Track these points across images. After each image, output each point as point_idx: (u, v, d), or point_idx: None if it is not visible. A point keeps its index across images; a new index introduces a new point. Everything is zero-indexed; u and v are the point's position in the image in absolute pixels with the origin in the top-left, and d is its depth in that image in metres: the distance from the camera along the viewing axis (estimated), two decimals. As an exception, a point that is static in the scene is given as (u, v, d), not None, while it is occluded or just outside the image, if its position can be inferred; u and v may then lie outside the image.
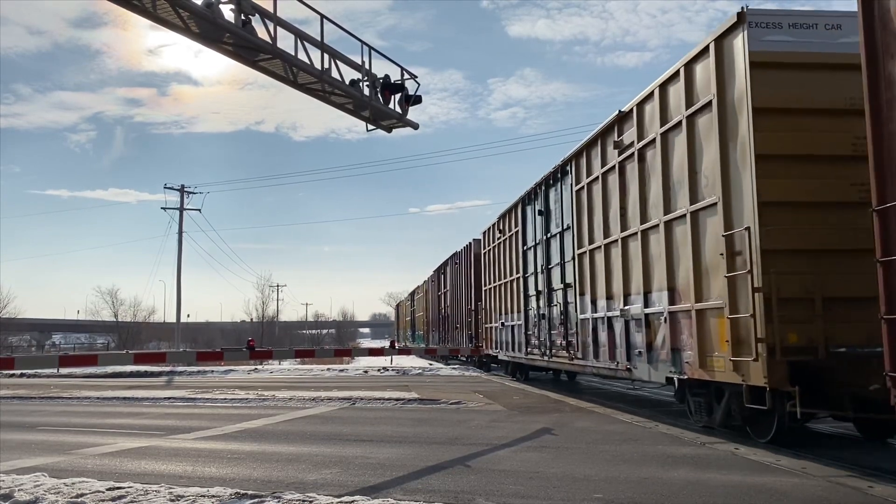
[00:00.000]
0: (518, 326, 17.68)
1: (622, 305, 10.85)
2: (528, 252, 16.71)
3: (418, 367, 26.88)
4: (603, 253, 11.74)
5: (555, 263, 14.57)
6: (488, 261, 21.58)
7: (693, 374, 8.77)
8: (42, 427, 11.46)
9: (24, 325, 78.51)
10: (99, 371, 28.30)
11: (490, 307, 21.44)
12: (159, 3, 8.47)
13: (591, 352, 12.32)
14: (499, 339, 20.18)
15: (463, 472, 6.86)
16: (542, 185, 15.42)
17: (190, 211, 43.29)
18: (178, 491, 5.90)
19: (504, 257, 19.16)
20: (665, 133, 9.50)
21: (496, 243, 20.21)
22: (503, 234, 19.18)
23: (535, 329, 16.13)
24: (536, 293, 15.96)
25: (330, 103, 11.41)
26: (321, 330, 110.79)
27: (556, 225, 14.44)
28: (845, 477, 6.20)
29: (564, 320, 13.84)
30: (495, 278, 20.43)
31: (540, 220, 15.55)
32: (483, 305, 22.59)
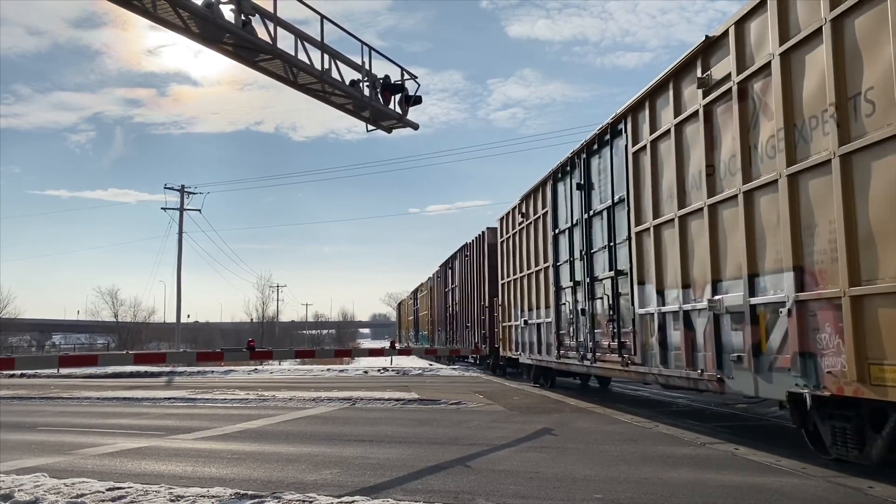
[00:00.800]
0: (546, 325, 15.19)
1: (710, 295, 8.24)
2: (561, 236, 14.14)
3: (418, 368, 26.88)
4: (676, 228, 9.09)
5: (599, 247, 12.09)
6: (507, 250, 18.84)
7: (842, 390, 6.20)
8: (42, 427, 11.46)
9: (24, 325, 78.55)
10: (99, 371, 28.31)
11: (509, 303, 18.73)
12: (159, 3, 8.48)
13: (657, 356, 9.71)
14: (520, 339, 17.52)
15: (463, 472, 6.86)
16: (583, 153, 12.78)
17: (190, 211, 43.46)
18: (178, 491, 5.90)
19: (527, 245, 16.62)
20: (789, 51, 6.98)
21: (517, 230, 17.55)
22: (526, 217, 16.62)
23: (569, 327, 13.55)
24: (573, 284, 13.26)
25: (330, 104, 11.41)
26: (321, 330, 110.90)
27: (602, 200, 11.91)
28: (845, 477, 6.20)
29: (615, 316, 11.30)
30: (515, 270, 17.79)
31: (578, 196, 12.98)
32: (500, 302, 19.77)
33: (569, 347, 13.67)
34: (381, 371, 26.13)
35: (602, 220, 11.96)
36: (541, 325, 15.65)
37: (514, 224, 17.99)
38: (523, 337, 17.27)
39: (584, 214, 12.69)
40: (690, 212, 8.86)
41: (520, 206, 17.34)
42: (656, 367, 9.78)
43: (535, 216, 15.97)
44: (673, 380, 9.53)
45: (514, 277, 17.97)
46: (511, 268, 18.33)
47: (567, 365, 14.03)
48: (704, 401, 13.05)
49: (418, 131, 13.04)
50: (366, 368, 27.70)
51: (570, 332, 13.56)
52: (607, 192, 11.66)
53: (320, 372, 27.53)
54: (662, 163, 9.67)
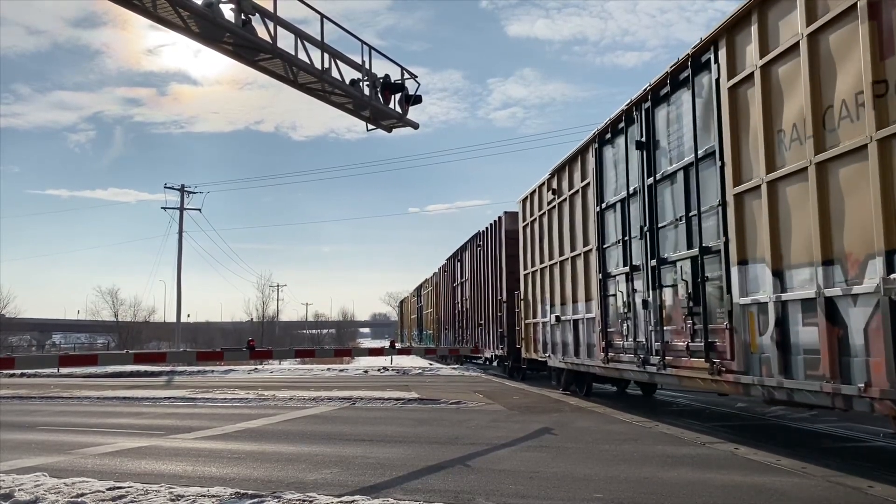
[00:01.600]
0: (586, 322, 12.70)
1: (883, 273, 5.74)
2: (609, 212, 11.61)
3: (418, 367, 26.88)
4: (812, 180, 6.55)
5: (669, 221, 9.56)
6: (531, 236, 16.39)
7: None
8: (42, 427, 11.46)
9: (24, 325, 78.54)
10: (99, 371, 28.31)
11: (533, 297, 16.29)
12: (159, 2, 8.48)
13: (773, 361, 7.17)
14: (549, 339, 15.01)
15: (463, 471, 6.86)
16: (645, 102, 10.19)
17: (190, 211, 43.46)
18: (179, 491, 5.90)
19: (560, 227, 14.12)
20: None
21: (544, 210, 15.13)
22: (558, 194, 14.17)
23: (622, 324, 11.01)
24: (628, 271, 10.76)
25: (330, 103, 11.41)
26: (321, 330, 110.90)
27: (674, 159, 9.40)
28: (845, 477, 6.19)
29: (697, 309, 8.72)
30: (543, 258, 15.35)
31: (637, 158, 10.40)
32: (521, 295, 17.32)
33: (621, 349, 11.04)
34: (381, 370, 26.13)
35: (674, 185, 9.42)
36: (578, 322, 13.11)
37: (541, 204, 15.47)
38: (553, 336, 14.74)
39: (647, 181, 10.09)
40: (840, 154, 6.27)
41: (549, 182, 14.77)
42: (771, 376, 7.19)
43: (570, 191, 13.45)
44: (803, 395, 6.90)
45: (540, 267, 15.56)
46: (537, 255, 15.86)
47: (619, 371, 11.38)
48: (705, 400, 13.05)
49: (418, 131, 13.04)
50: (366, 368, 27.70)
51: (622, 331, 11.01)
52: (683, 147, 9.10)
53: (320, 371, 27.53)
54: (781, 93, 7.13)
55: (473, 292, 24.82)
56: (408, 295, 57.08)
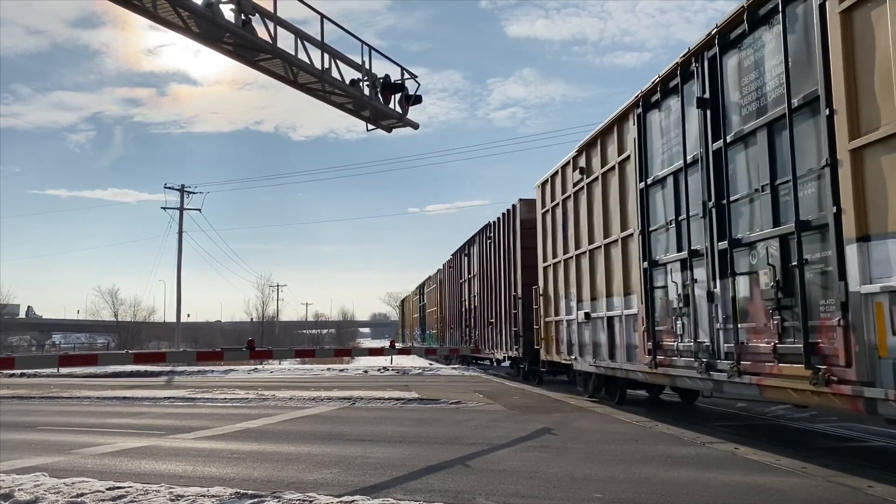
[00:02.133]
0: (624, 319, 11.00)
1: None
2: (656, 189, 9.91)
3: (418, 367, 26.88)
4: None
5: (745, 194, 7.78)
6: (551, 224, 14.82)
7: None
8: (42, 427, 11.46)
9: (25, 325, 78.56)
10: (99, 371, 28.31)
11: (555, 292, 14.65)
12: (159, 2, 8.47)
13: None
14: (575, 339, 13.30)
15: (463, 471, 6.86)
16: (708, 50, 8.47)
17: (190, 211, 43.43)
18: (178, 490, 5.90)
19: (589, 211, 12.42)
20: None
21: (568, 193, 13.47)
22: (587, 173, 12.49)
23: (676, 321, 9.29)
24: (685, 256, 8.96)
25: (330, 103, 11.41)
26: (321, 330, 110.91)
27: (750, 115, 7.65)
28: (845, 476, 6.19)
29: (793, 300, 6.93)
30: (568, 247, 13.67)
31: (697, 119, 8.64)
32: (540, 291, 15.71)
33: (674, 351, 9.41)
34: (381, 370, 26.13)
35: (752, 147, 7.68)
36: (614, 320, 11.44)
37: (564, 187, 13.81)
38: (580, 335, 13.02)
39: (712, 146, 8.33)
40: None
41: (575, 161, 13.10)
42: None
43: (603, 168, 11.74)
44: None
45: (564, 258, 13.89)
46: (559, 245, 14.22)
47: (670, 377, 9.62)
48: (705, 400, 13.03)
49: (418, 131, 13.02)
50: (366, 368, 27.71)
51: (675, 329, 9.33)
52: (766, 99, 7.43)
53: (320, 371, 27.53)
54: None
55: (483, 288, 23.14)
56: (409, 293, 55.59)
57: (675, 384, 9.93)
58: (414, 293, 49.60)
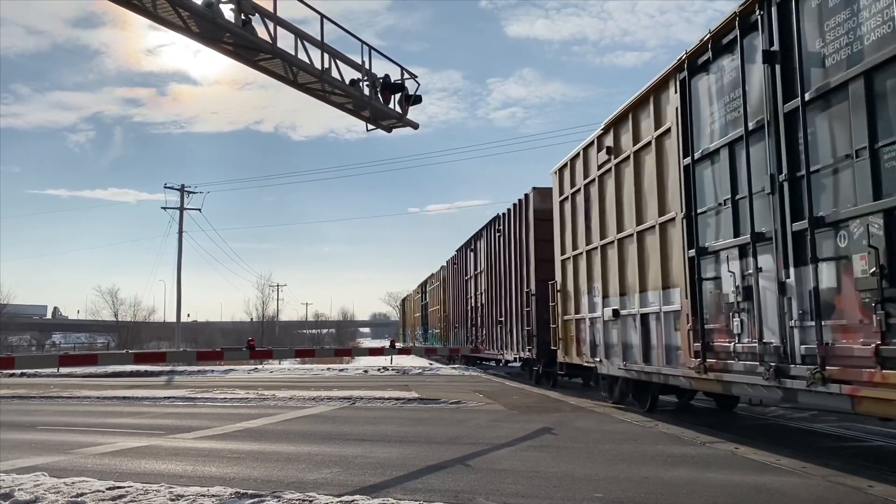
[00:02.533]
0: (664, 316, 9.68)
1: None
2: (704, 165, 8.58)
3: (418, 367, 26.89)
4: None
5: (830, 163, 6.55)
6: (570, 213, 13.42)
7: None
8: (42, 426, 11.46)
9: (25, 324, 78.57)
10: (99, 371, 28.32)
11: (575, 288, 13.30)
12: (159, 2, 8.47)
13: None
14: (599, 339, 11.95)
15: (463, 471, 6.86)
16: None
17: (190, 211, 43.46)
18: (178, 490, 5.90)
19: (618, 195, 11.10)
20: None
21: (592, 177, 12.15)
22: (615, 153, 11.20)
23: (733, 318, 7.90)
24: (747, 241, 7.57)
25: (330, 103, 11.41)
26: (321, 330, 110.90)
27: (836, 67, 6.42)
28: (845, 476, 6.20)
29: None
30: (591, 238, 12.34)
31: (762, 77, 7.39)
32: (558, 286, 14.30)
33: (730, 353, 8.01)
34: (381, 370, 26.14)
35: (839, 105, 6.42)
36: (649, 318, 10.17)
37: (586, 170, 12.52)
38: (606, 335, 11.69)
39: (784, 107, 7.12)
40: None
41: (600, 141, 11.78)
42: None
43: (636, 146, 10.46)
44: None
45: (586, 249, 12.55)
46: (581, 235, 12.83)
47: (724, 383, 8.25)
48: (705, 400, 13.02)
49: (418, 131, 13.03)
50: (366, 368, 27.71)
51: (731, 327, 7.99)
52: (864, 40, 6.10)
53: (320, 371, 27.54)
54: None
55: (491, 285, 21.80)
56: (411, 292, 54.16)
57: (731, 392, 8.45)
58: (416, 291, 48.51)
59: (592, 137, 12.12)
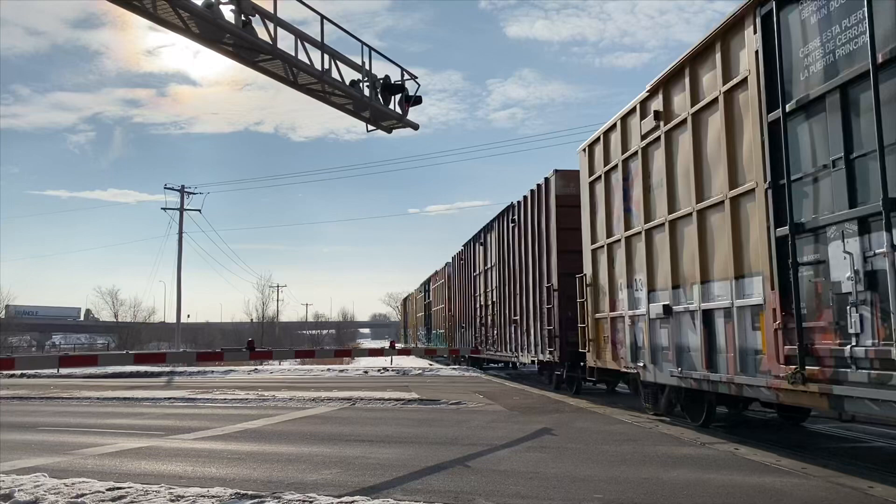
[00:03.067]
0: (735, 312, 7.95)
1: None
2: (798, 119, 6.99)
3: (418, 368, 26.89)
4: None
5: None
6: (603, 195, 11.69)
7: None
8: (42, 427, 11.46)
9: (25, 325, 78.59)
10: (99, 371, 28.32)
11: (610, 281, 11.58)
12: (159, 3, 8.49)
13: None
14: (643, 340, 10.32)
15: (463, 472, 6.86)
16: None
17: (190, 211, 43.47)
18: (178, 491, 5.90)
19: (669, 168, 9.45)
20: None
21: (633, 150, 10.51)
22: (665, 119, 9.54)
23: (853, 314, 6.19)
24: (877, 211, 5.83)
25: (330, 104, 11.42)
26: (321, 330, 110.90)
27: None
28: (845, 477, 6.20)
29: None
30: (630, 222, 10.78)
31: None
32: (587, 280, 12.56)
33: (844, 360, 6.28)
34: (381, 371, 26.14)
35: None
36: (714, 315, 8.43)
37: (626, 142, 10.86)
38: (653, 336, 10.00)
39: None
40: None
41: (644, 106, 10.16)
42: None
43: (696, 106, 8.74)
44: None
45: (626, 235, 10.86)
46: (619, 219, 11.17)
47: (836, 398, 6.46)
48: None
49: (417, 132, 13.04)
50: (366, 368, 27.71)
51: (847, 325, 6.24)
52: None
53: (320, 372, 27.53)
54: None
55: (504, 281, 20.04)
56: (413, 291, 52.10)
57: (843, 409, 6.56)
58: (418, 290, 46.58)
59: (633, 103, 10.47)
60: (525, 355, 17.91)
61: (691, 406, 9.73)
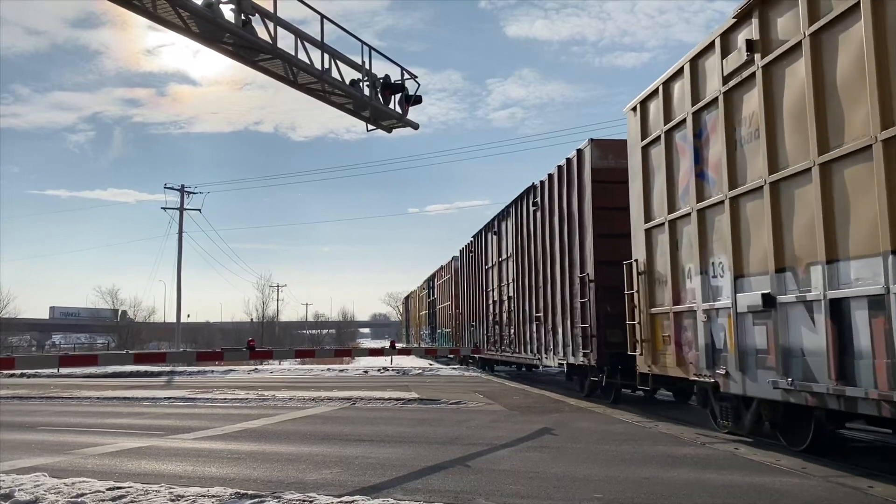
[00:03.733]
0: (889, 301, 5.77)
1: None
2: None
3: (418, 368, 26.89)
4: None
5: None
6: (663, 160, 9.66)
7: None
8: (42, 427, 11.46)
9: (24, 325, 78.56)
10: (99, 371, 28.33)
11: (673, 267, 9.45)
12: (159, 2, 8.48)
13: None
14: (723, 341, 8.22)
15: (463, 471, 6.86)
16: None
17: (190, 211, 43.44)
18: (179, 491, 5.90)
19: (768, 115, 7.37)
20: None
21: (711, 97, 8.40)
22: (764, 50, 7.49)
23: None
24: None
25: (330, 103, 11.41)
26: (321, 330, 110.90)
27: None
28: (845, 477, 6.20)
29: None
30: (705, 190, 8.65)
31: None
32: (641, 267, 10.45)
33: None
34: (381, 371, 26.14)
35: None
36: (850, 305, 6.29)
37: (697, 91, 8.79)
38: (741, 335, 7.79)
39: None
40: None
41: (727, 40, 8.15)
42: None
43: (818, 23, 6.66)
44: None
45: (699, 206, 8.70)
46: (687, 189, 9.08)
47: None
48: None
49: (417, 131, 13.01)
50: (366, 368, 27.72)
51: None
52: None
53: (320, 372, 27.54)
54: None
55: (522, 273, 17.88)
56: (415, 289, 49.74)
57: None
58: (421, 288, 44.40)
59: (709, 39, 8.48)
60: (550, 357, 15.62)
61: (789, 426, 7.69)
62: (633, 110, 10.74)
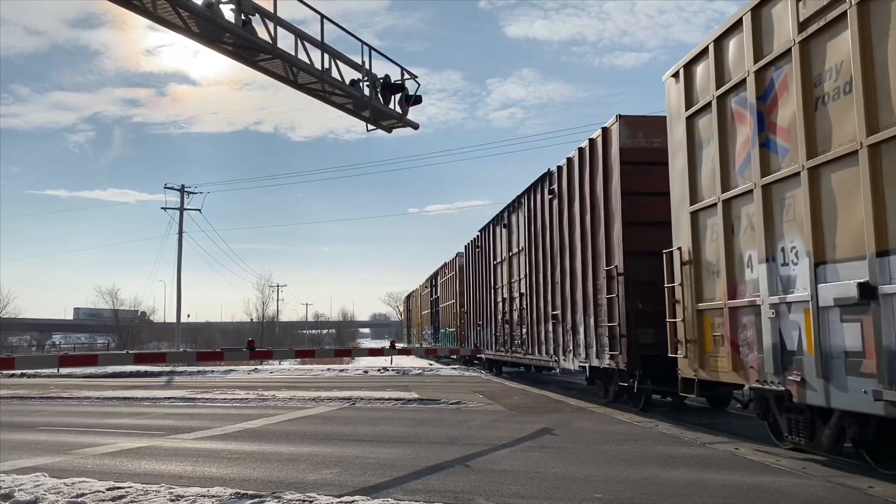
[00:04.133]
0: None
1: None
2: None
3: (418, 368, 26.89)
4: None
5: None
6: (715, 131, 8.22)
7: None
8: (42, 427, 11.46)
9: (24, 325, 78.54)
10: (99, 371, 28.33)
11: (727, 255, 8.03)
12: (159, 2, 8.49)
13: None
14: (795, 341, 6.80)
15: (463, 471, 6.86)
16: None
17: (190, 211, 43.45)
18: (178, 491, 5.90)
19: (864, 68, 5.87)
20: None
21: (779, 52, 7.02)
22: None
23: None
24: None
25: (330, 103, 11.42)
26: (321, 330, 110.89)
27: None
28: (845, 477, 6.20)
29: None
30: (769, 162, 7.24)
31: None
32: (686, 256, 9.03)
33: None
34: (381, 371, 26.14)
35: None
36: None
37: (759, 46, 7.42)
38: (823, 335, 6.40)
39: None
40: None
41: None
42: None
43: None
44: None
45: (762, 183, 7.29)
46: (743, 164, 7.77)
47: None
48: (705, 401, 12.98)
49: (417, 131, 13.03)
50: (366, 368, 27.72)
51: None
52: None
53: (320, 372, 27.54)
54: None
55: (536, 268, 16.48)
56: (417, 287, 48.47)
57: None
58: (423, 286, 42.91)
59: None
60: (569, 360, 14.19)
61: (885, 445, 6.34)
62: (674, 76, 9.33)
